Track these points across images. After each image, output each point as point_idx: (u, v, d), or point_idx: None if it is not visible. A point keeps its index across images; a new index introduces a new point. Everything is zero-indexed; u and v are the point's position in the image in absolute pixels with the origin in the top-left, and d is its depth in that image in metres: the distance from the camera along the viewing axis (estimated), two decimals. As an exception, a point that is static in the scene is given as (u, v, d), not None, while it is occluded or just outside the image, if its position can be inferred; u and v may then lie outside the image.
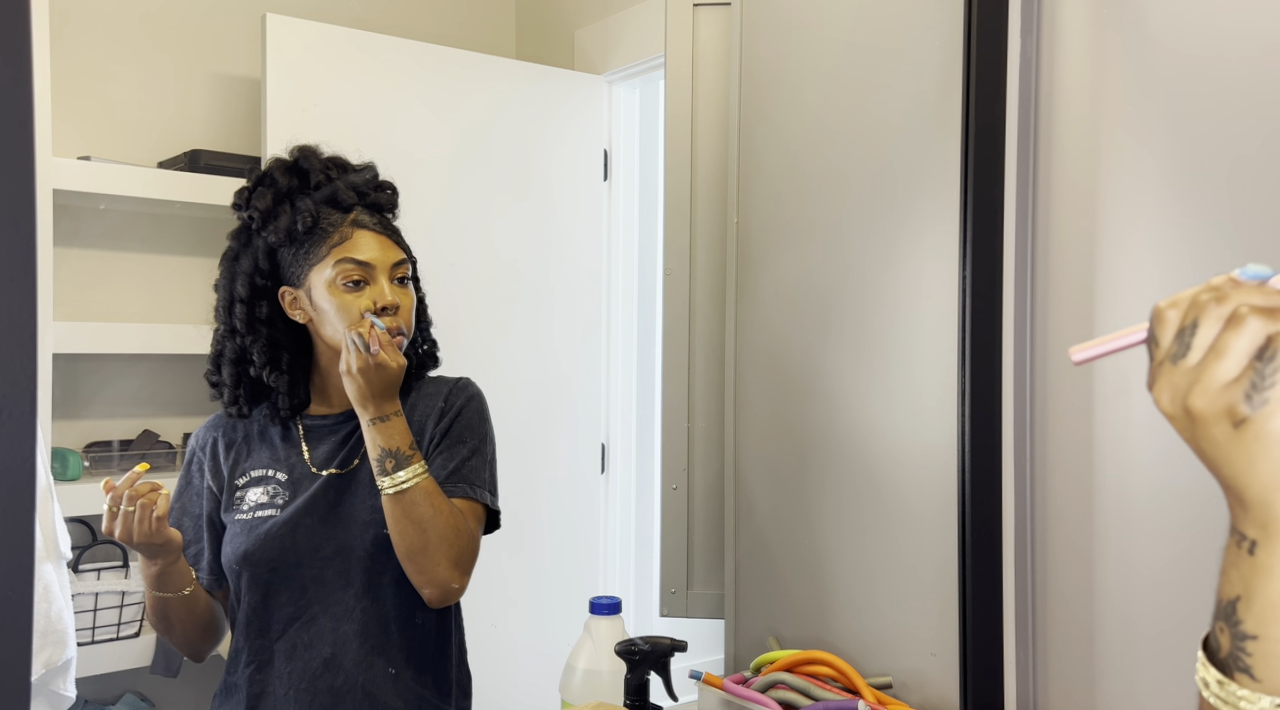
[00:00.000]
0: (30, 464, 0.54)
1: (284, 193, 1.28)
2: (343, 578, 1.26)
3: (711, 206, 1.65)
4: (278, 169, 1.29)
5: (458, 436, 1.32)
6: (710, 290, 1.65)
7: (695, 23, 1.66)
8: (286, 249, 1.28)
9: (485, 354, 2.24)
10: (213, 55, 2.22)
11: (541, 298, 2.33)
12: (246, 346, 1.29)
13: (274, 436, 1.33)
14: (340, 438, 1.32)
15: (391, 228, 1.31)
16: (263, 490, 1.28)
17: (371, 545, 1.25)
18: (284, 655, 1.26)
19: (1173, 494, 1.09)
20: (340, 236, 1.25)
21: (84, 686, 1.91)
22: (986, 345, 1.21)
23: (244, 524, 1.27)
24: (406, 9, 2.48)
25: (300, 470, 1.30)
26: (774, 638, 1.48)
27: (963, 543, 1.23)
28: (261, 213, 1.27)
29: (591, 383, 2.40)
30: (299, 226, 1.26)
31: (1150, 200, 1.11)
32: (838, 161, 1.43)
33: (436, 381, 1.38)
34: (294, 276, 1.28)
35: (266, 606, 1.26)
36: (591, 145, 2.40)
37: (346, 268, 1.24)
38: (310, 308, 1.27)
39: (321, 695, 1.25)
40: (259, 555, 1.25)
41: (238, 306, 1.28)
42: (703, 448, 1.64)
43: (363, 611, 1.26)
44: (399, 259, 1.28)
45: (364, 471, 1.29)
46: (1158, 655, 1.10)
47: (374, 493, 1.26)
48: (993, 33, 1.21)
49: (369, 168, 1.35)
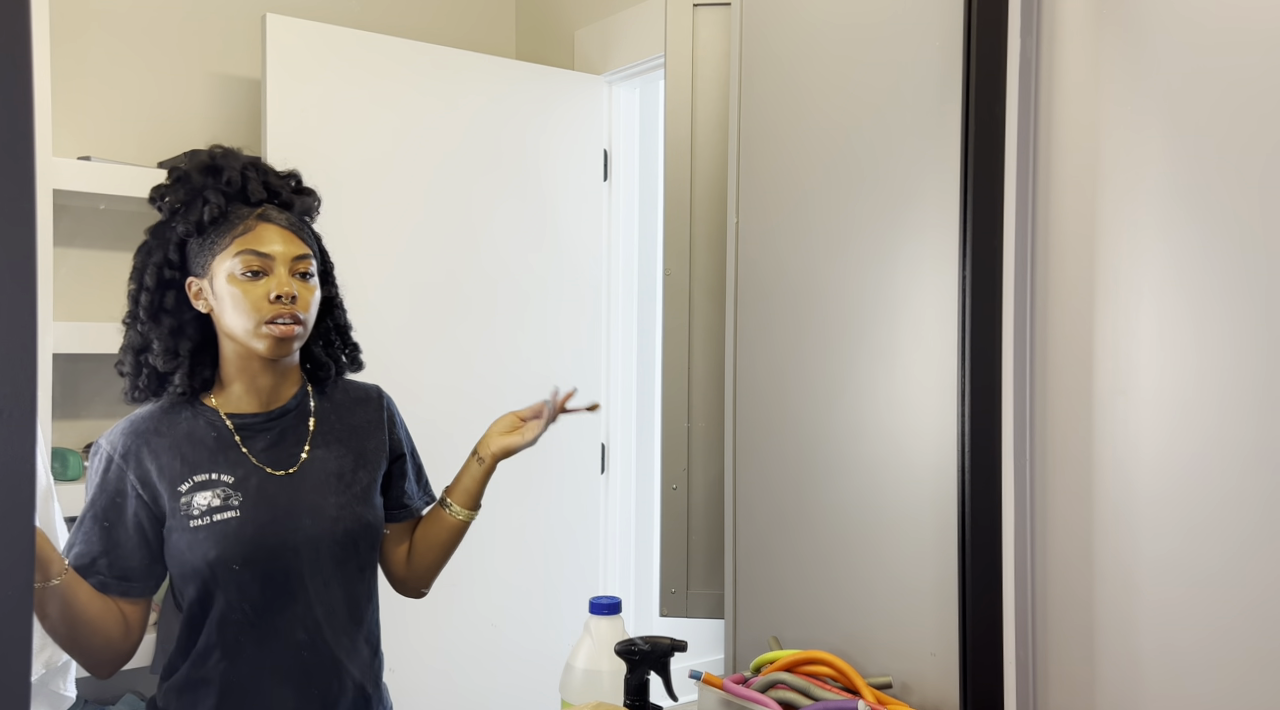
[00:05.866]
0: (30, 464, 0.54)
1: (197, 188, 1.31)
2: (312, 567, 1.32)
3: (711, 206, 1.65)
4: (194, 166, 1.33)
5: (413, 453, 1.50)
6: (710, 290, 1.65)
7: (695, 23, 1.66)
8: (195, 240, 1.31)
9: (485, 354, 2.24)
10: (213, 55, 2.22)
11: (541, 298, 2.33)
12: (147, 334, 1.32)
13: (206, 439, 1.32)
14: (275, 434, 1.35)
15: (299, 225, 1.35)
16: (211, 493, 1.29)
17: (343, 536, 1.34)
18: (255, 644, 1.30)
19: (1172, 494, 1.09)
20: (245, 228, 1.29)
21: (84, 686, 1.91)
22: (986, 344, 1.21)
23: (203, 530, 1.27)
24: (406, 9, 2.48)
25: (246, 470, 1.31)
26: (774, 638, 1.48)
27: (962, 542, 1.23)
28: (172, 205, 1.32)
29: (591, 383, 2.40)
30: (205, 217, 1.29)
31: (1150, 200, 1.11)
32: (838, 161, 1.43)
33: (356, 385, 1.47)
34: (199, 266, 1.31)
35: (241, 604, 1.29)
36: (591, 145, 2.40)
37: (247, 258, 1.28)
38: (212, 297, 1.30)
39: (295, 675, 1.31)
40: (230, 555, 1.27)
41: (144, 295, 1.32)
42: (703, 448, 1.64)
43: (330, 597, 1.33)
44: (301, 253, 1.31)
45: (314, 469, 1.35)
46: (1158, 655, 1.10)
47: (332, 490, 1.35)
48: (993, 33, 1.21)
49: (291, 174, 1.40)
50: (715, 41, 1.64)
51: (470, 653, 1.38)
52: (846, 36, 1.42)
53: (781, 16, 1.51)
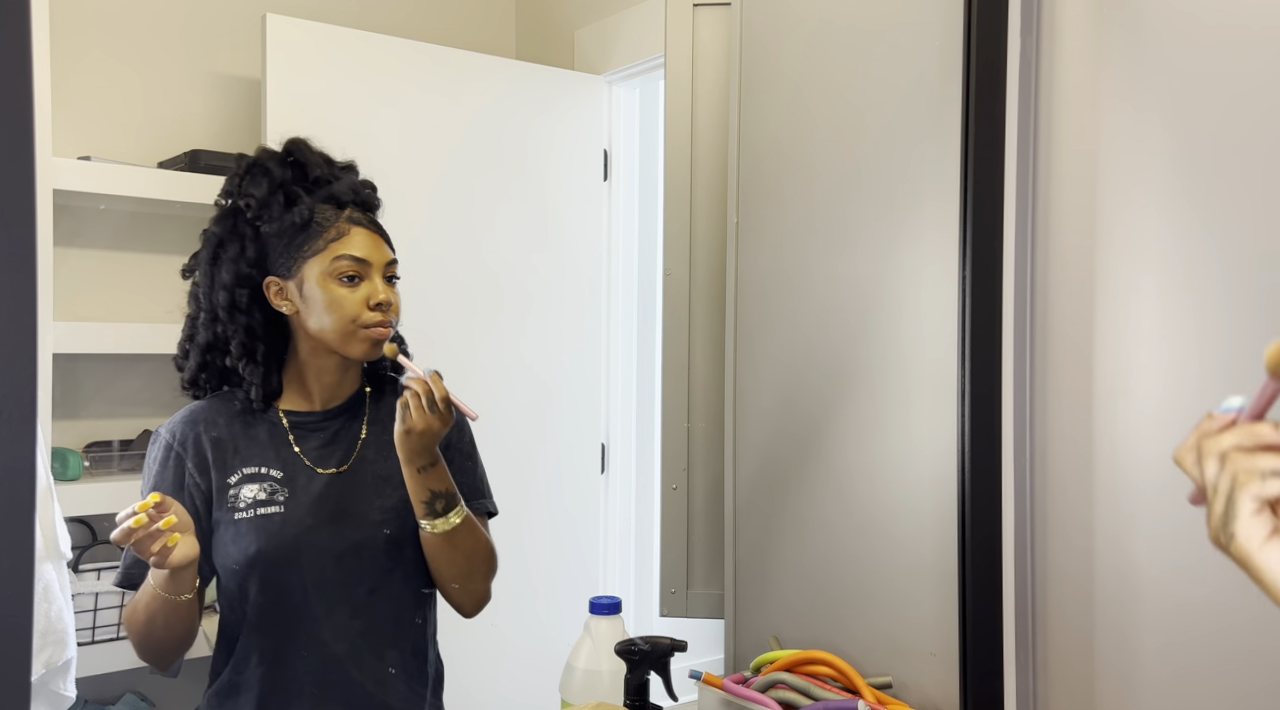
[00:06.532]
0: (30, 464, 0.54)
1: (278, 183, 1.29)
2: (355, 575, 1.27)
3: (711, 206, 1.65)
4: (270, 159, 1.31)
5: (466, 452, 1.38)
6: (710, 290, 1.65)
7: (695, 23, 1.66)
8: (278, 239, 1.28)
9: (485, 354, 2.24)
10: (213, 55, 2.22)
11: (541, 298, 2.33)
12: (221, 334, 1.29)
13: (260, 433, 1.31)
14: (329, 434, 1.32)
15: (381, 228, 1.34)
16: (259, 487, 1.27)
17: (386, 544, 1.28)
18: (296, 652, 1.26)
19: (1172, 494, 1.09)
20: (338, 232, 1.28)
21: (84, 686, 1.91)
22: (986, 345, 1.21)
23: (247, 523, 1.25)
24: (406, 9, 2.48)
25: (295, 467, 1.29)
26: (774, 638, 1.48)
27: (962, 542, 1.23)
28: (257, 201, 1.28)
29: (591, 383, 2.40)
30: (296, 219, 1.27)
31: (1150, 200, 1.11)
32: (838, 161, 1.43)
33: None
34: (284, 267, 1.28)
35: (279, 605, 1.26)
36: (591, 145, 2.40)
37: (344, 264, 1.26)
38: (299, 299, 1.28)
39: (333, 690, 1.26)
40: (270, 554, 1.24)
41: (220, 293, 1.28)
42: (703, 448, 1.64)
43: (372, 609, 1.27)
44: (391, 259, 1.31)
45: (363, 471, 1.31)
46: (1158, 655, 1.10)
47: (379, 493, 1.29)
48: (993, 33, 1.21)
49: (353, 166, 1.38)
50: (715, 41, 1.64)
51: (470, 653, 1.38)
52: (846, 37, 1.42)
53: (781, 17, 1.51)
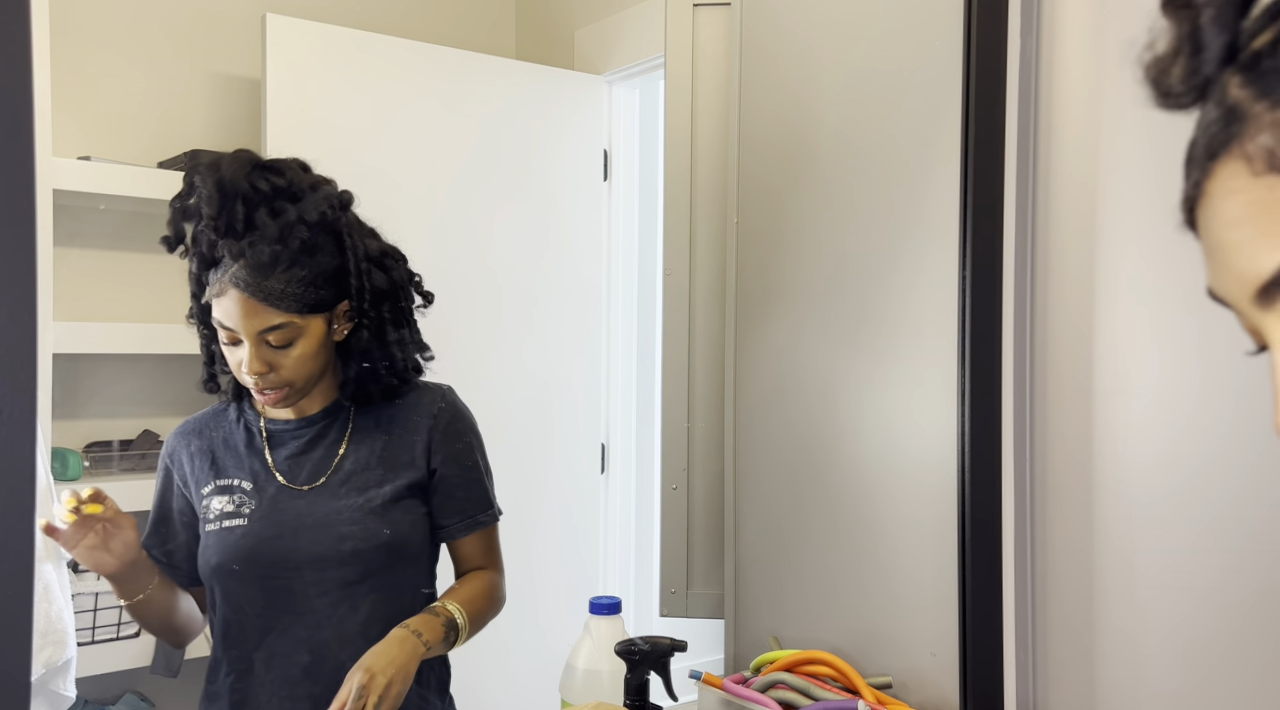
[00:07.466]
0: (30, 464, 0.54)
1: (193, 211, 1.20)
2: (316, 587, 1.25)
3: (711, 206, 1.65)
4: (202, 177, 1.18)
5: (470, 462, 1.34)
6: (710, 290, 1.65)
7: (695, 23, 1.66)
8: (201, 269, 1.25)
9: (485, 354, 2.24)
10: (213, 55, 2.22)
11: (541, 298, 2.33)
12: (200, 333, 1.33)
13: (239, 443, 1.31)
14: (302, 443, 1.30)
15: (267, 290, 1.17)
16: (227, 499, 1.27)
17: (350, 555, 1.25)
18: (263, 663, 1.26)
19: (1172, 494, 1.09)
20: (219, 290, 1.19)
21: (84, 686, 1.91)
22: (986, 344, 1.21)
23: (214, 535, 1.27)
24: (406, 9, 2.48)
25: (264, 478, 1.29)
26: (774, 638, 1.48)
27: (962, 542, 1.23)
28: (176, 228, 1.23)
29: (591, 383, 2.40)
30: (197, 261, 1.23)
31: (1150, 200, 1.11)
32: (838, 161, 1.43)
33: (421, 391, 1.35)
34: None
35: (240, 617, 1.27)
36: (591, 145, 2.40)
37: (220, 324, 1.21)
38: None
39: (302, 702, 1.25)
40: (229, 567, 1.25)
41: (191, 300, 1.29)
42: (703, 448, 1.64)
43: (339, 619, 1.26)
44: (268, 326, 1.18)
45: (333, 484, 1.28)
46: (1158, 655, 1.10)
47: (348, 505, 1.26)
48: (993, 33, 1.21)
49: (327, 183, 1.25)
50: (715, 41, 1.64)
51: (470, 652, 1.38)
52: (846, 36, 1.42)
53: (781, 16, 1.51)
